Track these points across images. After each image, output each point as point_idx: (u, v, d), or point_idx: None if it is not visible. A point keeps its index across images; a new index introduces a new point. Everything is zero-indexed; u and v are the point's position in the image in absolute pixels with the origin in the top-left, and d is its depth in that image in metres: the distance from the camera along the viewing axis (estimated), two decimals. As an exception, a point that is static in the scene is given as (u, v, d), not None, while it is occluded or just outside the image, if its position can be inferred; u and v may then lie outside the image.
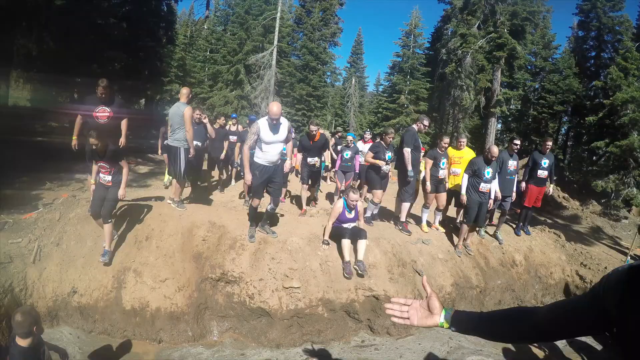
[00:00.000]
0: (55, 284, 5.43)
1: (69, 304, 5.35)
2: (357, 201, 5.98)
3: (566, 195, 15.14)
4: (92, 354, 4.80)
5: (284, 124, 5.63)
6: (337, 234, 6.04)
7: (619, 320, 1.06)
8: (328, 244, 6.13)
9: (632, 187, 13.23)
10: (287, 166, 6.06)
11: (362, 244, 5.85)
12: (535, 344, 5.63)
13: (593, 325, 1.17)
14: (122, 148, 6.16)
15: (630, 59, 15.10)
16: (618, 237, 11.34)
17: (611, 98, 14.82)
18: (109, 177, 5.46)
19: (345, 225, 6.00)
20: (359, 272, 5.81)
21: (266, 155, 5.63)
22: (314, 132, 7.66)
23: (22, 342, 3.19)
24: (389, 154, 7.03)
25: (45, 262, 5.61)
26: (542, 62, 23.72)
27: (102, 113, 5.80)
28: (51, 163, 10.64)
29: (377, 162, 6.95)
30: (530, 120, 23.30)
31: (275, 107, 5.37)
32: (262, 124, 5.49)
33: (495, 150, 6.64)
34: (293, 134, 6.66)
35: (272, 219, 6.51)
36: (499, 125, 25.68)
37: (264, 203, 6.22)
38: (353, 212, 6.01)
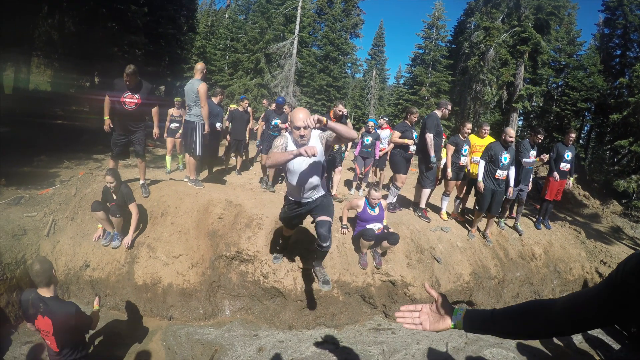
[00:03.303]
0: (68, 257, 5.45)
1: (81, 277, 5.36)
2: (379, 199, 5.57)
3: (587, 193, 14.76)
4: (103, 329, 4.78)
5: (314, 137, 3.86)
6: (360, 237, 5.51)
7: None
8: (347, 227, 5.97)
9: (655, 189, 12.85)
10: None
11: (387, 246, 5.54)
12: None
13: (610, 315, 1.10)
14: (155, 138, 6.25)
15: (657, 58, 14.64)
16: (638, 238, 11.00)
17: (636, 96, 14.36)
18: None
19: (370, 227, 5.51)
20: (375, 263, 5.65)
21: (293, 187, 4.09)
22: (340, 113, 6.84)
23: (48, 292, 3.15)
24: (415, 133, 6.81)
25: (59, 236, 5.63)
26: (567, 58, 23.13)
27: (130, 99, 5.66)
28: (70, 144, 10.77)
29: (406, 141, 6.70)
30: (552, 117, 22.78)
31: (301, 113, 3.58)
32: (289, 143, 3.83)
33: (511, 131, 6.44)
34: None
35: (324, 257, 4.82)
36: (520, 122, 25.19)
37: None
38: (377, 209, 5.62)
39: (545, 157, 6.98)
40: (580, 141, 23.58)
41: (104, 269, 5.41)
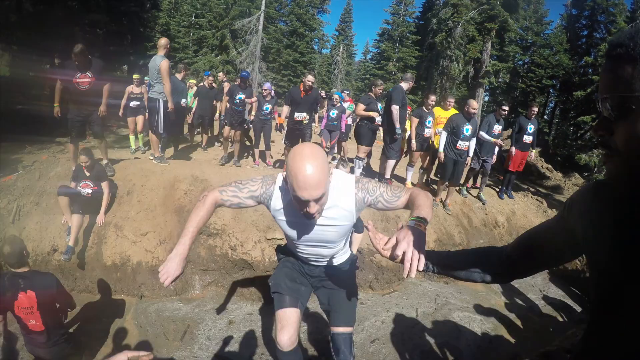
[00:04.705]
0: (35, 243, 5.33)
1: (50, 262, 5.27)
2: None
3: (549, 166, 15.27)
4: (78, 313, 4.73)
5: (341, 196, 2.07)
6: None
7: (584, 238, 1.03)
8: None
9: (615, 163, 13.39)
10: None
11: (357, 237, 5.13)
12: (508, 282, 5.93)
13: (562, 250, 1.16)
14: (101, 117, 5.95)
15: (622, 39, 15.03)
16: (599, 209, 11.45)
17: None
18: (89, 190, 5.28)
19: None
20: None
21: (290, 242, 2.45)
22: (310, 84, 6.75)
23: (24, 269, 3.09)
24: (380, 105, 6.87)
25: (25, 222, 5.50)
26: (534, 36, 23.61)
27: (83, 79, 5.56)
28: (31, 128, 10.40)
29: (370, 113, 6.72)
30: (518, 93, 23.34)
31: (310, 169, 1.72)
32: (275, 199, 2.13)
33: (474, 103, 6.57)
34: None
35: None
36: (487, 98, 25.72)
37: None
38: None
39: (499, 142, 7.22)
40: (545, 117, 24.28)
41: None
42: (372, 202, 2.04)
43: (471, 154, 6.90)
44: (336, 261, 2.52)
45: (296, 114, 6.90)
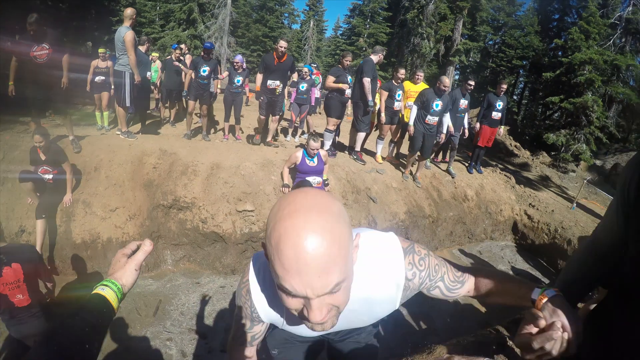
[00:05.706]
0: (2, 224, 5.14)
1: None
2: (317, 149, 5.30)
3: (518, 144, 15.71)
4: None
5: (388, 275, 1.10)
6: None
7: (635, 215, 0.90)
8: (288, 187, 5.69)
9: (582, 143, 13.79)
10: None
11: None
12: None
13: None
14: (65, 90, 5.66)
15: (593, 23, 15.31)
16: (565, 187, 11.82)
17: (569, 57, 15.15)
18: (50, 176, 5.03)
19: (309, 179, 5.24)
20: None
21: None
22: (283, 50, 6.60)
23: (1, 244, 3.05)
24: (349, 78, 6.85)
25: None
26: (505, 17, 23.88)
27: (40, 51, 5.23)
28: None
29: (340, 85, 6.68)
30: (488, 72, 23.70)
31: (311, 237, 0.74)
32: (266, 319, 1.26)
33: (446, 80, 6.63)
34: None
35: None
36: (457, 76, 25.99)
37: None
38: (315, 159, 5.38)
39: (452, 131, 7.36)
40: (514, 97, 24.80)
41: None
42: (428, 287, 1.21)
43: (444, 130, 7.02)
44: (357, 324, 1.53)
45: (269, 82, 6.74)
